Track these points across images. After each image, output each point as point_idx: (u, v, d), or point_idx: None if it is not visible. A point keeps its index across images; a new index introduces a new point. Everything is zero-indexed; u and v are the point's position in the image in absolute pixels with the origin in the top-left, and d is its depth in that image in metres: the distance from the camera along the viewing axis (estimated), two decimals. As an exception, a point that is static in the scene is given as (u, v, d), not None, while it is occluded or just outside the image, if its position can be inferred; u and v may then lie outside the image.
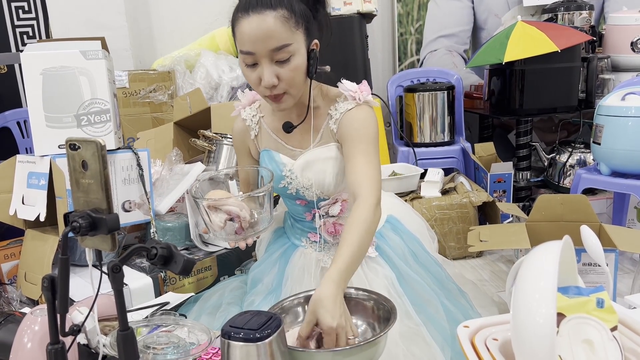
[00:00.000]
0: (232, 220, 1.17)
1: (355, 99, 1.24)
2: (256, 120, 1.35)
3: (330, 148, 1.28)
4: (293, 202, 1.37)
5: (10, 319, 1.01)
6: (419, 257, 1.43)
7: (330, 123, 1.26)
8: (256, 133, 1.35)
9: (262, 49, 1.11)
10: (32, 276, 1.57)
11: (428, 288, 1.35)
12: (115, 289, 0.76)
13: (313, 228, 1.39)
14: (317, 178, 1.28)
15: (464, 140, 2.75)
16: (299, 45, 1.14)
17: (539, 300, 0.75)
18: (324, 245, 1.37)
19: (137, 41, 2.81)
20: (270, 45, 1.11)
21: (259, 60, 1.13)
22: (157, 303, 1.28)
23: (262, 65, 1.13)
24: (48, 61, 1.49)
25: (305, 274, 1.35)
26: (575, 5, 2.84)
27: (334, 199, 1.33)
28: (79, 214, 0.81)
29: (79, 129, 1.53)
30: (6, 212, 1.63)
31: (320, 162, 1.28)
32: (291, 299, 1.08)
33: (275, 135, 1.33)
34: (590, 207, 1.72)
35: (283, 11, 1.11)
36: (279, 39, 1.11)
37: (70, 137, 0.83)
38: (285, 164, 1.30)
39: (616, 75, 2.64)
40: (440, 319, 1.29)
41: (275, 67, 1.13)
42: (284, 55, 1.12)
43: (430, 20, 3.05)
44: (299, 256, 1.39)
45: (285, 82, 1.15)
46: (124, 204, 1.65)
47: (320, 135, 1.28)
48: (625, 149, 1.97)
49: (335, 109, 1.26)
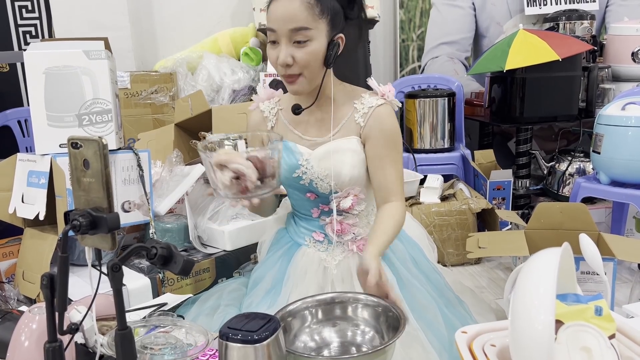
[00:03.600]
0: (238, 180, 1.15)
1: (383, 95, 1.31)
2: (274, 112, 1.40)
3: (351, 140, 1.31)
4: (302, 195, 1.37)
5: (7, 317, 1.02)
6: (419, 263, 1.44)
7: (357, 116, 1.31)
8: (273, 124, 1.40)
9: (282, 27, 1.19)
10: (30, 275, 1.57)
11: (427, 294, 1.35)
12: (114, 288, 0.76)
13: (318, 227, 1.39)
14: (334, 169, 1.30)
15: (464, 147, 2.75)
16: (318, 33, 1.21)
17: (538, 307, 0.75)
18: (328, 245, 1.37)
19: (140, 42, 2.82)
20: (289, 25, 1.18)
21: (279, 39, 1.21)
22: (155, 304, 1.28)
23: (281, 44, 1.21)
24: (51, 60, 1.49)
25: (307, 273, 1.35)
26: (577, 14, 2.86)
27: (346, 192, 1.34)
28: (79, 212, 0.81)
29: (81, 128, 1.53)
30: (5, 211, 1.63)
31: (339, 154, 1.31)
32: (299, 303, 1.08)
33: (293, 127, 1.37)
34: (590, 216, 1.73)
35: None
36: (299, 21, 1.18)
37: (72, 136, 0.84)
38: (302, 154, 1.33)
39: (617, 85, 2.65)
40: (438, 325, 1.29)
41: (293, 48, 1.20)
42: (302, 37, 1.19)
43: (432, 27, 3.06)
44: (301, 255, 1.39)
45: (300, 64, 1.21)
46: (123, 204, 1.65)
47: (341, 126, 1.32)
48: (624, 159, 1.98)
49: (362, 103, 1.31)
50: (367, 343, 1.04)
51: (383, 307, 1.05)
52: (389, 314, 1.04)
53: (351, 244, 1.36)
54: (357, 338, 1.07)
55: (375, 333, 1.06)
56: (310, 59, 1.22)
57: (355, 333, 1.08)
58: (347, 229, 1.37)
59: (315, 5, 1.20)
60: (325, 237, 1.38)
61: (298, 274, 1.35)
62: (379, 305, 1.06)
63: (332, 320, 1.09)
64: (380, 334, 1.05)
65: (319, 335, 1.07)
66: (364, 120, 1.30)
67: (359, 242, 1.36)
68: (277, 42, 1.22)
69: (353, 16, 1.28)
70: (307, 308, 1.08)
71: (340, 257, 1.36)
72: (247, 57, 2.67)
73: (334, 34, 1.24)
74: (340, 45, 1.26)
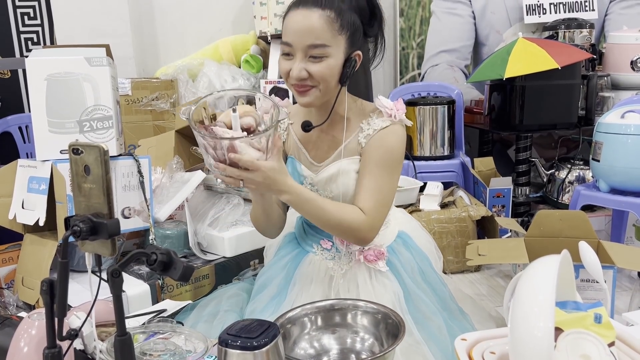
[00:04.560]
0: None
1: (390, 116, 1.25)
2: (285, 126, 1.37)
3: (355, 160, 1.28)
4: None
5: (7, 323, 1.02)
6: (426, 275, 1.41)
7: (360, 137, 1.26)
8: (284, 140, 1.37)
9: (299, 42, 1.16)
10: (30, 281, 1.57)
11: (432, 306, 1.33)
12: (114, 293, 0.76)
13: (327, 235, 1.36)
14: (340, 191, 1.28)
15: (464, 154, 2.75)
16: (336, 50, 1.17)
17: (538, 314, 0.75)
18: (336, 254, 1.36)
19: (141, 49, 2.83)
20: (307, 41, 1.15)
21: (294, 53, 1.17)
22: (154, 310, 1.28)
23: (295, 58, 1.17)
24: (53, 67, 1.50)
25: (313, 281, 1.33)
26: (576, 23, 2.87)
27: None
28: (80, 218, 0.81)
29: (82, 134, 1.54)
30: (5, 216, 1.63)
31: (344, 176, 1.27)
32: (299, 310, 1.08)
33: (300, 144, 1.34)
34: (589, 224, 1.73)
35: (330, 12, 1.15)
36: (318, 37, 1.15)
37: (73, 142, 0.84)
38: (306, 177, 1.31)
39: (616, 93, 2.66)
40: (442, 336, 1.28)
41: (308, 63, 1.17)
42: (319, 53, 1.16)
43: (432, 35, 3.07)
44: (308, 262, 1.37)
45: (315, 78, 1.17)
46: (123, 211, 1.65)
47: (344, 146, 1.28)
48: (624, 167, 1.98)
49: (368, 124, 1.26)
50: (367, 350, 1.04)
51: (383, 314, 1.05)
52: (388, 321, 1.04)
53: (358, 254, 1.33)
54: (356, 345, 1.08)
55: (374, 340, 1.06)
56: (326, 73, 1.17)
57: (354, 340, 1.08)
58: None
59: (336, 19, 1.15)
60: (333, 246, 1.36)
61: (304, 282, 1.34)
62: (378, 313, 1.06)
63: (331, 327, 1.09)
64: (380, 341, 1.05)
65: (319, 342, 1.07)
66: (366, 141, 1.26)
67: (366, 252, 1.33)
68: (291, 54, 1.18)
69: (372, 33, 1.25)
70: (306, 315, 1.08)
71: (347, 267, 1.34)
72: (248, 65, 2.68)
73: (352, 50, 1.20)
74: (357, 63, 1.22)
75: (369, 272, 1.33)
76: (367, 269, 1.33)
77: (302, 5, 1.16)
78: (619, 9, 3.17)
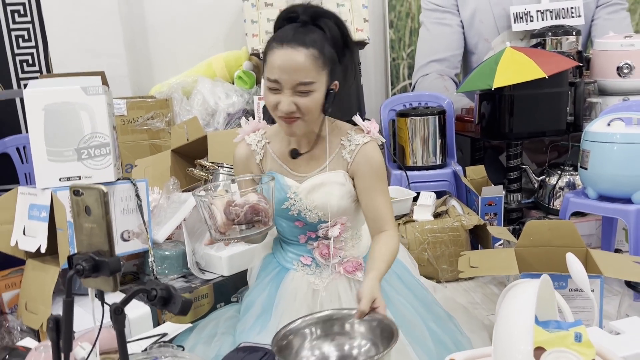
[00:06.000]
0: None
1: (369, 132, 1.37)
2: (262, 145, 1.44)
3: (338, 174, 1.37)
4: (291, 223, 1.42)
5: (13, 354, 1.05)
6: (404, 280, 1.50)
7: (344, 152, 1.36)
8: (261, 157, 1.44)
9: (287, 80, 1.23)
10: (33, 306, 1.60)
11: (413, 311, 1.41)
12: (117, 329, 0.80)
13: (306, 251, 1.44)
14: (322, 201, 1.36)
15: (456, 163, 2.80)
16: (320, 84, 1.25)
17: (518, 336, 0.80)
18: (316, 269, 1.43)
19: (135, 68, 2.87)
20: (296, 79, 1.22)
21: (281, 88, 1.24)
22: (155, 334, 1.32)
23: (283, 94, 1.24)
24: (50, 97, 1.54)
25: (297, 296, 1.40)
26: (563, 30, 2.92)
27: (334, 221, 1.39)
28: (82, 256, 0.85)
29: (80, 162, 1.58)
30: (7, 243, 1.66)
31: (327, 186, 1.36)
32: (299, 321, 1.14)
33: (281, 161, 1.41)
34: (577, 233, 1.77)
35: (314, 51, 1.22)
36: (306, 75, 1.22)
37: (74, 184, 0.88)
38: (290, 187, 1.38)
39: (603, 98, 2.71)
40: (426, 340, 1.35)
41: (296, 97, 1.24)
42: (306, 89, 1.23)
43: (421, 46, 3.12)
44: (290, 279, 1.43)
45: (302, 111, 1.26)
46: (122, 234, 1.69)
47: (329, 162, 1.37)
48: (611, 174, 2.03)
49: (349, 140, 1.36)
50: (364, 354, 1.10)
51: (377, 321, 1.12)
52: (383, 327, 1.10)
53: (338, 266, 1.42)
54: (354, 351, 1.14)
55: (371, 345, 1.13)
56: (312, 106, 1.26)
57: (352, 346, 1.15)
58: (334, 252, 1.42)
59: (319, 57, 1.23)
60: (313, 261, 1.44)
61: (288, 298, 1.40)
62: (374, 320, 1.13)
63: (330, 336, 1.16)
64: (377, 346, 1.11)
65: (319, 350, 1.14)
66: (351, 156, 1.36)
67: (345, 264, 1.42)
68: (279, 90, 1.25)
69: (345, 61, 1.32)
70: (307, 326, 1.15)
71: (329, 280, 1.42)
72: (241, 81, 2.72)
73: (331, 82, 1.29)
74: (335, 92, 1.30)
75: (349, 283, 1.42)
76: (347, 280, 1.42)
77: (286, 44, 1.22)
78: (605, 14, 3.22)
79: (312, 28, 1.26)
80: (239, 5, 2.73)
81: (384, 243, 1.31)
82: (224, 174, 1.87)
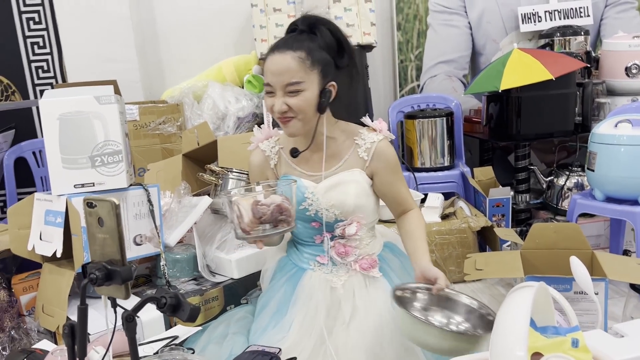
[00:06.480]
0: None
1: (381, 131, 1.46)
2: (275, 150, 1.52)
3: (353, 172, 1.44)
4: (307, 224, 1.47)
5: (32, 357, 1.10)
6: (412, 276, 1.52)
7: (360, 151, 1.44)
8: (275, 162, 1.51)
9: (277, 82, 1.33)
10: (50, 308, 1.66)
11: None
12: (129, 336, 0.84)
13: (322, 251, 1.48)
14: (340, 199, 1.42)
15: (464, 164, 2.81)
16: (310, 84, 1.33)
17: (514, 341, 0.82)
18: (332, 268, 1.47)
19: (147, 73, 2.92)
20: (284, 80, 1.32)
21: (275, 91, 1.35)
22: (166, 337, 1.36)
23: (276, 96, 1.34)
24: (64, 107, 1.59)
25: (314, 294, 1.43)
26: (571, 30, 2.92)
27: (350, 220, 1.44)
28: (95, 265, 0.90)
29: (93, 169, 1.62)
30: (24, 247, 1.72)
31: (344, 185, 1.42)
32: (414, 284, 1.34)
33: (295, 165, 1.48)
34: (582, 235, 1.78)
35: (301, 53, 1.31)
36: (293, 76, 1.31)
37: (88, 197, 0.92)
38: (307, 187, 1.43)
39: (612, 99, 2.71)
40: None
41: (287, 97, 1.33)
42: (295, 88, 1.32)
43: (429, 47, 3.14)
44: (308, 278, 1.47)
45: (294, 110, 1.34)
46: (135, 238, 1.74)
47: (344, 161, 1.45)
48: (617, 176, 2.04)
49: (363, 139, 1.44)
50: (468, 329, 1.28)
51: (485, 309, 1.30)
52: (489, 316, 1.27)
53: (354, 264, 1.46)
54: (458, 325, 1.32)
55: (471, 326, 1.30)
56: (303, 105, 1.33)
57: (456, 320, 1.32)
58: (349, 250, 1.46)
59: (307, 58, 1.32)
60: (330, 260, 1.47)
61: (305, 296, 1.44)
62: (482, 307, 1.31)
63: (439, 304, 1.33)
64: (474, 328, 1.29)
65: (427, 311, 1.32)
66: (367, 154, 1.43)
67: (360, 261, 1.47)
68: (273, 92, 1.34)
69: (343, 64, 1.39)
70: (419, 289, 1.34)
71: (345, 277, 1.45)
72: (251, 85, 2.76)
73: (325, 82, 1.35)
74: (332, 92, 1.37)
75: (364, 279, 1.47)
76: (363, 277, 1.47)
77: (276, 50, 1.34)
78: (614, 14, 3.21)
79: (307, 35, 1.36)
80: (248, 11, 2.76)
81: (417, 225, 1.45)
82: (234, 179, 1.91)
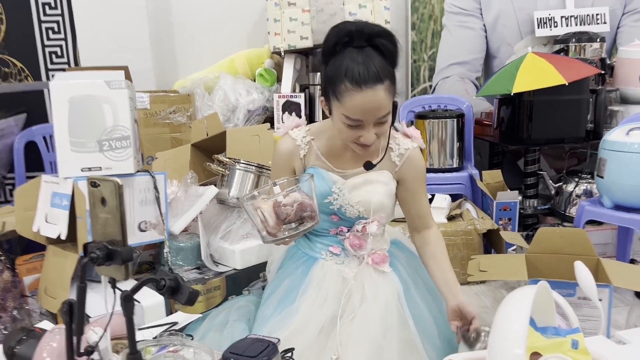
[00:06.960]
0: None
1: (416, 138, 1.46)
2: (306, 141, 1.47)
3: (383, 174, 1.43)
4: (327, 217, 1.46)
5: (31, 335, 1.10)
6: (422, 278, 1.53)
7: (392, 155, 1.43)
8: (305, 153, 1.47)
9: (371, 118, 1.27)
10: (52, 290, 1.67)
11: (427, 308, 1.45)
12: (126, 316, 0.84)
13: (336, 241, 1.48)
14: (365, 197, 1.41)
15: (472, 167, 2.80)
16: (390, 106, 1.30)
17: (512, 340, 0.82)
18: (345, 259, 1.47)
19: (160, 62, 2.93)
20: (378, 115, 1.27)
21: (364, 125, 1.29)
22: (166, 322, 1.36)
23: (366, 129, 1.28)
24: (75, 90, 1.59)
25: (325, 279, 1.43)
26: (587, 37, 2.89)
27: (373, 218, 1.44)
28: (96, 245, 0.90)
29: (101, 153, 1.63)
30: (30, 229, 1.73)
31: (372, 184, 1.42)
32: None
33: (325, 158, 1.46)
34: (589, 241, 1.77)
35: (387, 82, 1.25)
36: (386, 109, 1.28)
37: (92, 176, 0.92)
38: (335, 182, 1.43)
39: (625, 107, 2.68)
40: (435, 337, 1.39)
41: (376, 128, 1.30)
42: (385, 119, 1.30)
43: (443, 48, 3.12)
44: (320, 267, 1.47)
45: (380, 135, 1.33)
46: (140, 224, 1.75)
47: (375, 162, 1.42)
48: (627, 184, 2.02)
49: (397, 144, 1.43)
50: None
51: None
52: None
53: (367, 257, 1.46)
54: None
55: None
56: (387, 129, 1.34)
57: None
58: (364, 244, 1.46)
59: (392, 85, 1.27)
60: (343, 250, 1.48)
61: (316, 284, 1.44)
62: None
63: None
64: None
65: None
66: (400, 160, 1.43)
67: (373, 255, 1.46)
68: (361, 126, 1.28)
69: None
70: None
71: (357, 269, 1.45)
72: (262, 78, 2.76)
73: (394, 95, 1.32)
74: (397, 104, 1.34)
75: (375, 273, 1.46)
76: (373, 270, 1.46)
77: (364, 85, 1.22)
78: (631, 22, 3.18)
79: (371, 53, 1.25)
80: (262, 4, 2.77)
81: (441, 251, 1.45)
82: (241, 170, 1.91)
